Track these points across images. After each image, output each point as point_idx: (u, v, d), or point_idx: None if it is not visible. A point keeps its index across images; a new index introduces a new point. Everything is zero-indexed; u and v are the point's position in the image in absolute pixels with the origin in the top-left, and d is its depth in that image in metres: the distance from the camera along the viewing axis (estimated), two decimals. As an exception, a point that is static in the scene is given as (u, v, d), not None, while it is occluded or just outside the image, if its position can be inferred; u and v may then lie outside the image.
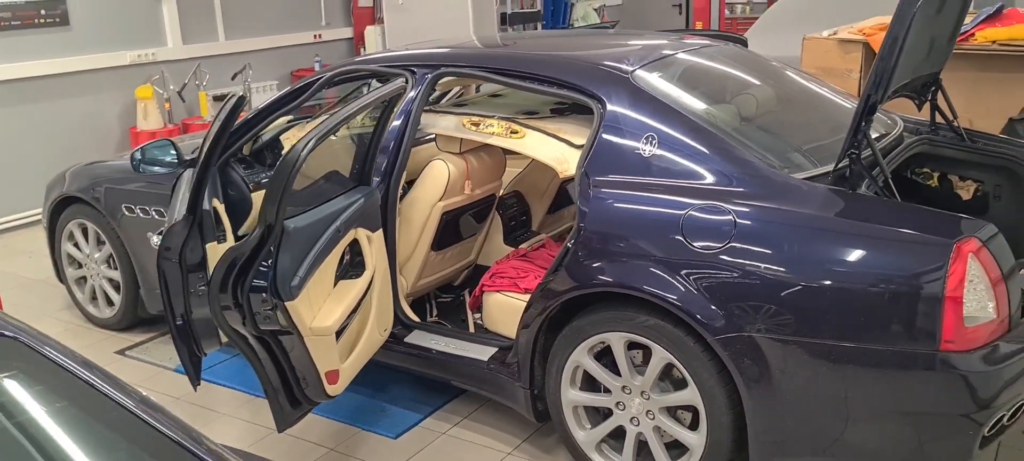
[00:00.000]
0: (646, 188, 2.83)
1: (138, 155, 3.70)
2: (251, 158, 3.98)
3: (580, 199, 2.95)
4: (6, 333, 1.38)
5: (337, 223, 2.92)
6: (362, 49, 8.81)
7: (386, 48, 6.72)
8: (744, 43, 4.58)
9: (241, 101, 2.95)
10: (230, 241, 3.37)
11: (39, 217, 4.84)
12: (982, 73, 4.77)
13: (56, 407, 1.30)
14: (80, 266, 4.59)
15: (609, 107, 3.00)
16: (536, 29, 10.72)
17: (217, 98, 7.39)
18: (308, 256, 2.77)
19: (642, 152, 2.89)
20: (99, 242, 4.44)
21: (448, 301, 4.03)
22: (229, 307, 2.75)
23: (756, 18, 11.35)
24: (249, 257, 2.70)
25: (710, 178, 2.76)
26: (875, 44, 4.88)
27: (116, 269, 4.39)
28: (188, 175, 3.59)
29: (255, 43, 7.82)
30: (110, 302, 4.52)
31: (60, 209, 4.57)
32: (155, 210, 4.06)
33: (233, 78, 7.44)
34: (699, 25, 9.09)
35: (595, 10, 11.68)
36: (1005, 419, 2.57)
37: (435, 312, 3.93)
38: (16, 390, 1.27)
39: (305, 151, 2.61)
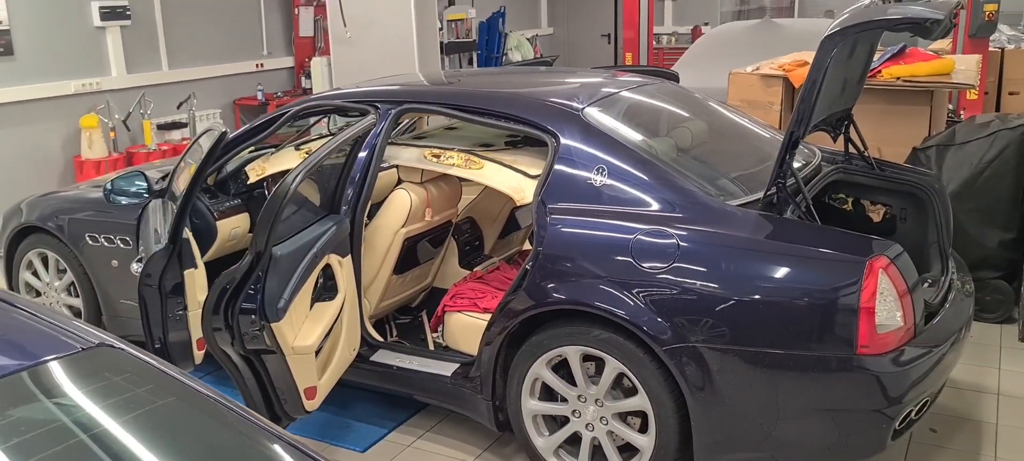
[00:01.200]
0: (598, 214, 3.14)
1: (109, 186, 3.84)
2: (215, 187, 4.17)
3: (537, 225, 3.24)
4: (94, 342, 1.57)
5: (314, 249, 3.14)
6: (302, 78, 8.98)
7: (332, 80, 6.92)
8: (676, 78, 4.96)
9: (222, 137, 3.15)
10: (201, 267, 3.56)
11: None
12: (888, 105, 5.25)
13: (157, 406, 1.50)
14: (39, 294, 4.67)
15: (562, 141, 3.30)
16: (472, 57, 11.06)
17: (161, 127, 7.47)
18: (291, 280, 2.98)
19: (593, 182, 3.19)
20: (59, 270, 4.54)
21: (407, 322, 4.27)
22: (219, 328, 2.94)
23: (682, 48, 11.94)
24: (239, 282, 2.90)
25: (655, 205, 3.08)
26: (794, 79, 5.33)
27: (77, 296, 4.49)
28: (155, 205, 3.77)
29: (198, 72, 7.92)
30: (70, 329, 4.60)
31: (17, 239, 4.65)
32: (120, 239, 4.19)
33: (178, 107, 7.53)
34: (629, 56, 9.50)
35: (528, 40, 12.08)
36: (912, 414, 2.95)
37: (395, 332, 4.16)
38: (118, 391, 1.46)
39: (294, 185, 2.84)
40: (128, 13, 7.22)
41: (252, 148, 4.15)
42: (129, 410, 1.42)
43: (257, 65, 8.56)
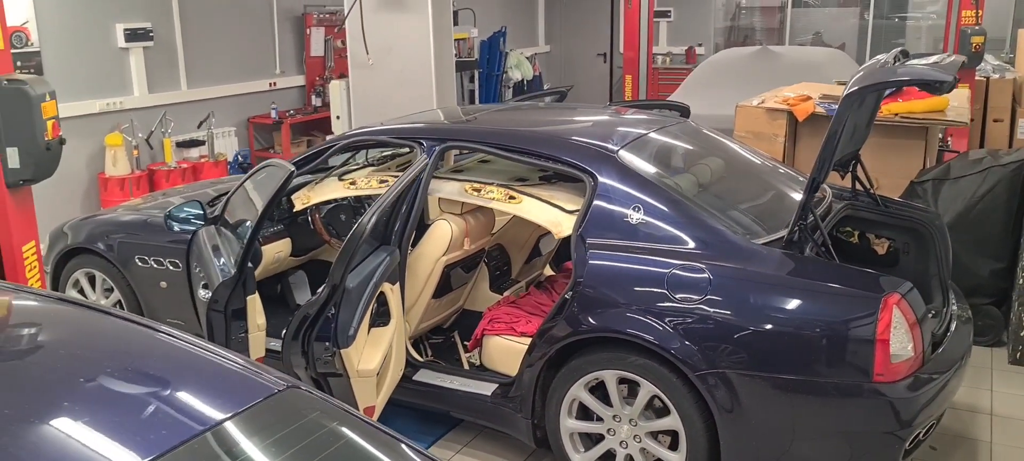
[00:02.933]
0: (634, 250, 3.42)
1: (169, 214, 4.09)
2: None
3: (576, 259, 3.52)
4: (282, 386, 1.82)
5: (374, 279, 3.41)
6: (313, 97, 9.23)
7: (351, 102, 7.16)
8: (687, 110, 5.28)
9: (291, 176, 3.41)
10: (256, 293, 3.82)
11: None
12: (886, 140, 5.58)
13: (350, 443, 1.75)
14: (85, 312, 4.89)
15: (600, 180, 3.59)
16: (474, 75, 11.35)
17: (180, 145, 7.69)
18: (358, 309, 3.25)
19: (630, 220, 3.48)
20: (105, 289, 4.77)
21: (439, 341, 4.53)
22: (297, 353, 3.20)
23: (677, 69, 12.29)
24: (318, 312, 3.16)
25: (688, 243, 3.37)
26: (798, 114, 5.65)
27: (124, 315, 4.72)
28: (209, 231, 4.02)
29: (214, 91, 8.16)
30: (115, 346, 4.83)
31: (64, 260, 4.88)
32: (169, 261, 4.43)
33: (199, 125, 7.76)
34: (629, 79, 9.83)
35: (527, 59, 12.39)
36: (921, 435, 3.26)
37: (429, 352, 4.42)
38: (318, 429, 1.71)
39: (371, 224, 3.11)
40: (151, 34, 7.45)
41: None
42: (325, 454, 1.66)
43: (270, 84, 8.80)
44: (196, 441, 1.60)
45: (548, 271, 5.12)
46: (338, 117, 7.58)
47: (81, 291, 4.87)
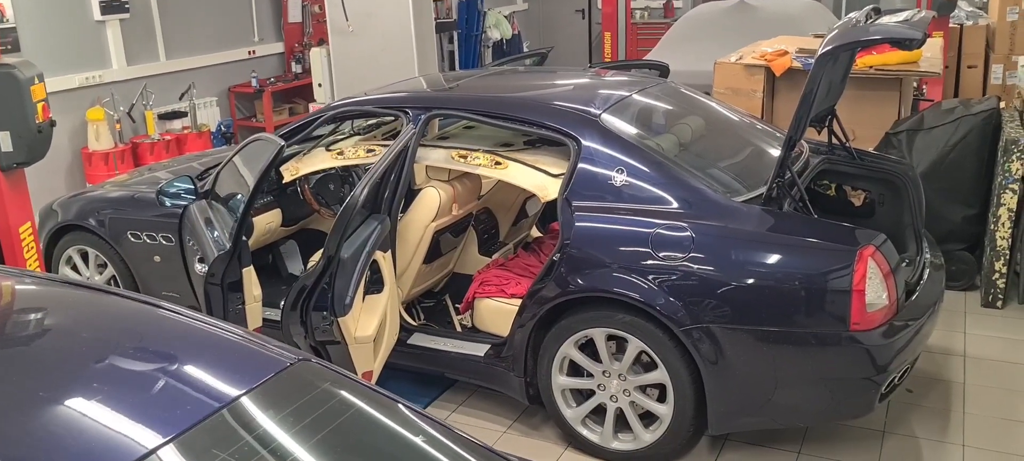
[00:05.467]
0: (619, 211, 3.53)
1: (161, 189, 4.15)
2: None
3: (562, 221, 3.62)
4: (292, 360, 1.90)
5: (367, 247, 3.50)
6: (293, 64, 9.21)
7: (332, 69, 7.18)
8: (666, 69, 5.36)
9: (281, 150, 3.47)
10: (251, 264, 3.90)
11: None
12: (861, 92, 5.69)
13: (360, 411, 1.85)
14: (79, 288, 4.95)
15: (584, 144, 3.68)
16: (453, 36, 11.33)
17: (162, 116, 7.69)
18: (354, 278, 3.34)
19: (614, 181, 3.58)
20: (99, 265, 4.83)
21: (431, 305, 4.64)
22: (295, 323, 3.30)
23: (656, 24, 12.30)
24: (315, 282, 3.25)
25: (671, 202, 3.48)
26: (775, 69, 5.75)
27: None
28: (200, 206, 4.09)
29: (194, 61, 8.13)
30: (111, 320, 4.91)
31: (55, 237, 4.93)
32: (162, 236, 4.50)
33: (181, 97, 7.75)
34: (608, 36, 9.88)
35: (506, 18, 12.37)
36: (896, 379, 3.41)
37: (421, 316, 4.53)
38: (330, 399, 1.81)
39: (363, 196, 3.19)
40: (126, 6, 7.41)
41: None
42: (352, 426, 1.75)
43: (249, 52, 8.77)
44: (214, 418, 1.68)
45: (535, 232, 5.23)
46: (320, 85, 7.60)
47: (74, 268, 4.92)
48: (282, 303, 3.44)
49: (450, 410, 4.14)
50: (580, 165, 3.65)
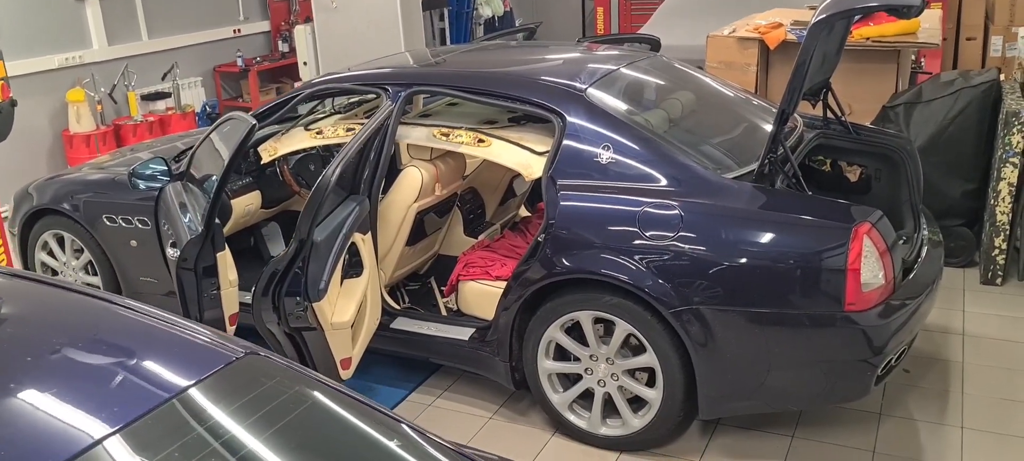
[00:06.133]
0: (605, 189, 3.40)
1: (133, 171, 4.01)
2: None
3: (547, 200, 3.49)
4: (241, 352, 1.79)
5: (344, 230, 3.37)
6: (279, 42, 9.04)
7: (317, 47, 7.03)
8: (657, 43, 5.21)
9: (252, 129, 3.34)
10: (226, 248, 3.77)
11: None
12: (858, 64, 5.55)
13: (310, 410, 1.74)
14: (56, 274, 4.83)
15: (569, 120, 3.54)
16: (443, 13, 11.14)
17: (145, 97, 7.53)
18: (329, 262, 3.22)
19: (600, 159, 3.45)
20: (75, 249, 4.70)
21: (416, 288, 4.52)
22: (267, 309, 3.17)
23: (649, -1, 12.06)
24: (286, 267, 3.13)
25: (659, 180, 3.35)
26: (769, 41, 5.60)
27: (96, 274, 4.66)
28: (175, 188, 3.96)
29: (178, 40, 7.96)
30: (89, 307, 4.79)
31: (30, 222, 4.80)
32: (137, 220, 4.36)
33: (163, 77, 7.59)
34: (601, 10, 9.70)
35: (497, -7, 12.16)
36: (892, 361, 3.29)
37: (406, 299, 4.41)
38: (277, 394, 1.70)
39: (334, 177, 3.05)
40: (106, -16, 7.24)
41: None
42: (294, 419, 1.65)
43: (234, 30, 8.59)
44: (157, 411, 1.58)
45: (524, 212, 5.10)
46: (305, 63, 7.44)
47: (51, 253, 4.80)
48: (253, 289, 3.31)
49: (435, 396, 4.03)
50: (565, 142, 3.52)
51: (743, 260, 3.16)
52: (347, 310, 3.32)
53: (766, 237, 3.19)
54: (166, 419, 1.62)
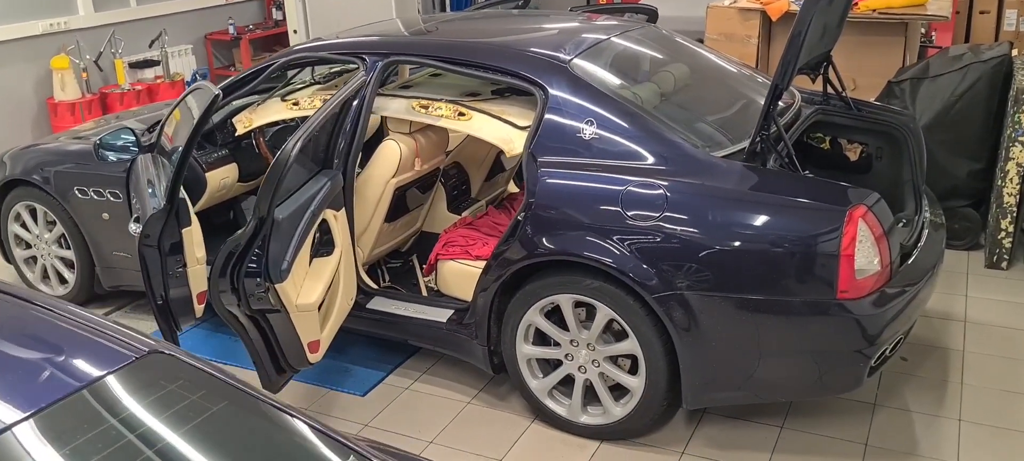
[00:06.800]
0: (588, 167, 3.22)
1: (98, 141, 3.86)
2: (203, 139, 4.19)
3: (528, 177, 3.32)
4: (145, 350, 1.65)
5: (312, 207, 3.21)
6: (273, 9, 8.84)
7: (307, 14, 6.84)
8: (654, 13, 5.01)
9: (215, 99, 3.17)
10: (195, 223, 3.61)
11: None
12: (863, 37, 5.34)
13: (216, 412, 1.59)
14: (29, 246, 4.69)
15: (551, 93, 3.36)
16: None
17: (133, 65, 7.36)
18: (293, 241, 3.06)
19: (583, 134, 3.27)
20: (48, 222, 4.56)
21: (398, 266, 4.36)
22: (226, 291, 3.02)
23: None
24: (245, 247, 2.97)
25: (645, 157, 3.17)
26: (771, 12, 5.39)
27: (69, 248, 4.52)
28: (145, 160, 3.80)
29: (167, 7, 7.77)
30: (63, 280, 4.65)
31: (4, 192, 4.65)
32: (109, 192, 4.21)
33: (151, 45, 7.42)
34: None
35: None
36: (887, 351, 3.12)
37: (387, 277, 4.26)
38: (177, 399, 1.55)
39: (295, 151, 2.89)
40: (92, -53, 7.04)
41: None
42: (191, 418, 1.51)
43: (227, -3, 8.40)
44: (45, 412, 1.43)
45: (512, 188, 4.93)
46: (295, 31, 7.25)
47: (24, 225, 4.65)
48: (209, 269, 3.15)
49: (412, 379, 3.88)
50: (547, 116, 3.34)
51: (730, 243, 2.99)
52: (314, 291, 3.17)
53: (755, 219, 3.01)
54: (52, 423, 1.46)
